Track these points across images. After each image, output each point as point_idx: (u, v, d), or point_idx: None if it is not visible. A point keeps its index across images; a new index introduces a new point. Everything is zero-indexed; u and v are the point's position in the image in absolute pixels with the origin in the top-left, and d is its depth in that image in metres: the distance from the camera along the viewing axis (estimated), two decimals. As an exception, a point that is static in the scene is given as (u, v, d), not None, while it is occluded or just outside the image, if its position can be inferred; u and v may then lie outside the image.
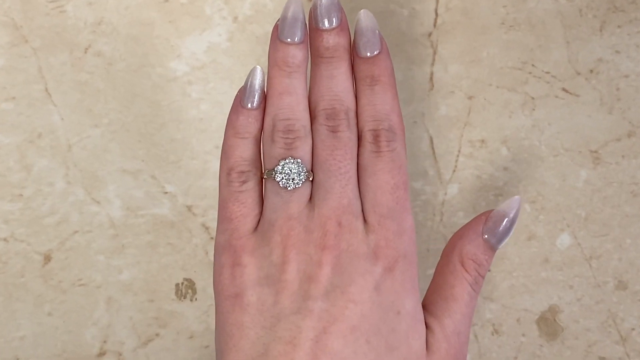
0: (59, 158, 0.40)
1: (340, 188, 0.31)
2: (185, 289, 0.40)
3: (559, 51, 0.40)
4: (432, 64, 0.40)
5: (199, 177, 0.40)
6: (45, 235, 0.40)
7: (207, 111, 0.40)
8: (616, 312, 0.39)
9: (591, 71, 0.40)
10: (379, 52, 0.33)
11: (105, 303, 0.39)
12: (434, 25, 0.41)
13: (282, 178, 0.31)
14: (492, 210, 0.33)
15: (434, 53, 0.41)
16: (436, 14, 0.41)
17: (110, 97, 0.40)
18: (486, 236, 0.33)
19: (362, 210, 0.32)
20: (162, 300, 0.40)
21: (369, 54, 0.33)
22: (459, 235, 0.33)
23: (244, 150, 0.32)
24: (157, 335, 0.39)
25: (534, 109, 0.40)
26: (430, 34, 0.40)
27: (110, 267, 0.40)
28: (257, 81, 0.33)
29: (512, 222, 0.33)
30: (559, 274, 0.40)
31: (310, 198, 0.32)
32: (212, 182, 0.40)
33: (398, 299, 0.30)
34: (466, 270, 0.32)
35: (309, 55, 0.34)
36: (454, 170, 0.40)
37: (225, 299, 0.31)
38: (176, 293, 0.40)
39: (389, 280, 0.30)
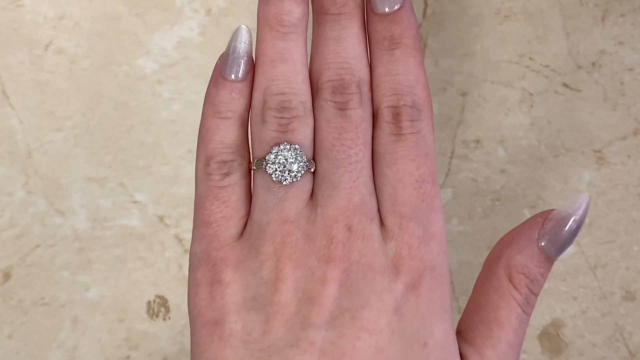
0: (18, 165, 0.39)
1: (350, 182, 0.26)
2: (158, 307, 0.39)
3: (559, 43, 0.40)
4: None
5: (171, 184, 0.39)
6: (3, 251, 0.39)
7: (179, 112, 0.40)
8: (624, 325, 0.38)
9: (593, 64, 0.40)
10: (400, 7, 0.27)
11: (71, 323, 0.39)
12: (423, 16, 0.40)
13: (276, 169, 0.26)
14: (550, 210, 0.27)
15: (424, 46, 0.40)
16: (425, 4, 0.40)
17: (74, 98, 0.40)
18: (543, 243, 0.27)
19: (379, 210, 0.26)
20: (133, 320, 0.39)
21: (387, 9, 0.27)
22: (507, 241, 0.27)
23: (226, 134, 0.27)
24: (127, 357, 0.39)
25: (532, 106, 0.39)
26: (419, 26, 0.40)
27: (75, 284, 0.39)
28: (243, 45, 0.27)
29: (578, 225, 0.26)
30: (562, 285, 0.39)
31: (312, 195, 0.27)
32: (185, 190, 0.39)
33: (425, 325, 0.25)
34: (515, 287, 0.26)
35: (310, 12, 0.28)
36: (447, 174, 0.39)
37: (202, 327, 0.26)
38: (148, 311, 0.39)
39: (412, 301, 0.25)
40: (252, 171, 0.27)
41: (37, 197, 0.39)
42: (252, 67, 0.27)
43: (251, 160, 0.27)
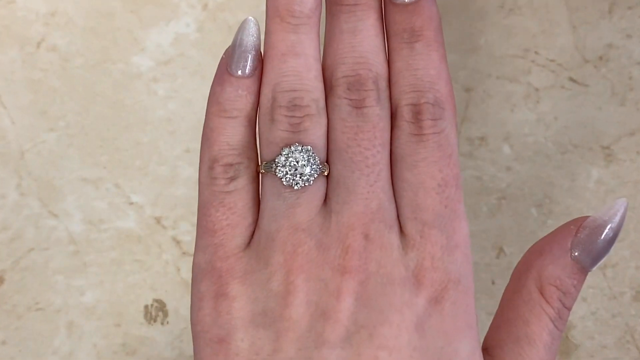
0: (10, 166, 0.39)
1: (366, 186, 0.24)
2: (156, 312, 0.39)
3: (565, 37, 0.39)
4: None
5: (168, 185, 0.39)
6: (-4, 254, 0.39)
7: (175, 111, 0.39)
8: (634, 326, 0.38)
9: (600, 58, 0.39)
10: None
11: (66, 329, 0.38)
12: (427, 10, 0.39)
13: (286, 173, 0.24)
14: (585, 217, 0.25)
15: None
16: (428, -2, 0.39)
17: (67, 97, 0.39)
18: (576, 253, 0.25)
19: (398, 217, 0.25)
20: (130, 325, 0.38)
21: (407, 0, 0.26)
22: (538, 250, 0.26)
23: (232, 135, 0.26)
24: None
25: (538, 102, 0.39)
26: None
27: (70, 289, 0.38)
28: (250, 38, 0.25)
29: (615, 233, 0.25)
30: None
31: (325, 201, 0.25)
32: (183, 190, 0.39)
33: (449, 342, 0.23)
34: (547, 301, 0.25)
35: (323, 3, 0.27)
36: (452, 172, 0.38)
37: (206, 345, 0.24)
38: (145, 316, 0.39)
39: (436, 317, 0.23)
40: (260, 175, 0.26)
41: (31, 199, 0.39)
42: (261, 62, 0.26)
43: (259, 163, 0.26)
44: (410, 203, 0.24)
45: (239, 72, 0.25)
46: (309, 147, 0.25)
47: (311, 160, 0.25)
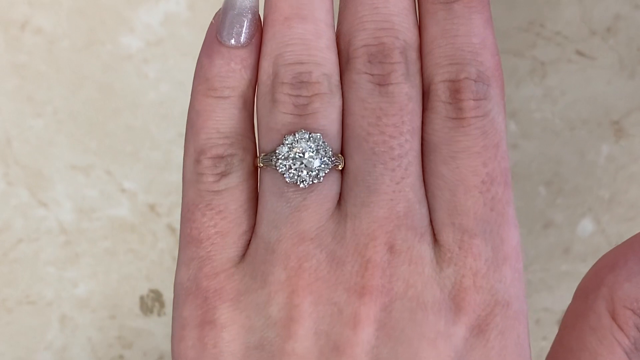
0: None
1: (392, 184, 0.20)
2: (152, 302, 0.39)
3: (571, 8, 0.39)
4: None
5: (162, 171, 0.39)
6: (-16, 247, 0.39)
7: (167, 93, 0.39)
8: None
9: (608, 30, 0.39)
10: None
11: (59, 322, 0.38)
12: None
13: (290, 167, 0.20)
14: None
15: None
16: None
17: (54, 81, 0.39)
18: None
19: (431, 223, 0.21)
20: (125, 317, 0.38)
21: None
22: (609, 264, 0.21)
23: (223, 119, 0.21)
24: (120, 357, 0.39)
25: (544, 76, 0.39)
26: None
27: (62, 280, 0.38)
28: None
29: None
30: (582, 266, 0.39)
31: (340, 202, 0.21)
32: (177, 176, 0.39)
33: None
34: (621, 328, 0.20)
35: None
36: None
37: None
38: (141, 307, 0.39)
39: (479, 350, 0.20)
40: (258, 169, 0.22)
41: (19, 188, 0.39)
42: (259, 28, 0.22)
43: (257, 155, 0.22)
44: (447, 205, 0.20)
45: (232, 41, 0.21)
46: (319, 134, 0.20)
47: (321, 151, 0.20)
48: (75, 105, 0.39)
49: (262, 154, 0.21)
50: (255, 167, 0.22)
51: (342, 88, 0.21)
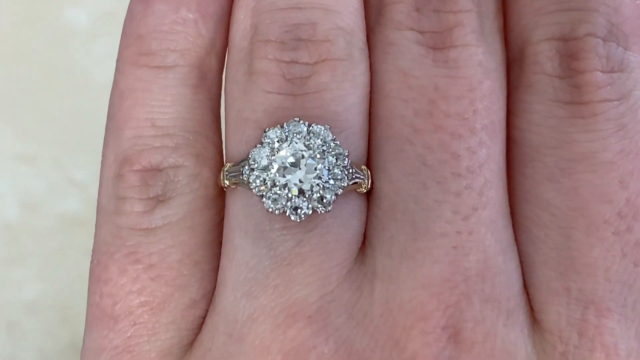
0: None
1: (457, 219, 0.13)
2: None
3: None
4: None
5: None
6: None
7: None
8: None
9: None
10: None
11: (5, 329, 0.37)
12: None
13: (274, 184, 0.13)
14: None
15: None
16: None
17: None
18: None
19: (526, 289, 0.13)
20: (80, 321, 0.35)
21: None
22: None
23: (163, 105, 0.14)
24: None
25: None
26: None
27: (7, 282, 0.37)
28: None
29: None
30: None
31: (363, 249, 0.13)
32: None
33: None
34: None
35: None
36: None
37: None
38: None
39: None
40: (224, 190, 0.14)
41: None
42: None
43: (222, 166, 0.14)
44: (556, 257, 0.12)
45: None
46: (325, 127, 0.13)
47: (330, 159, 0.13)
48: (17, 88, 0.38)
49: (230, 164, 0.13)
50: (219, 187, 0.14)
51: (369, 53, 0.13)
